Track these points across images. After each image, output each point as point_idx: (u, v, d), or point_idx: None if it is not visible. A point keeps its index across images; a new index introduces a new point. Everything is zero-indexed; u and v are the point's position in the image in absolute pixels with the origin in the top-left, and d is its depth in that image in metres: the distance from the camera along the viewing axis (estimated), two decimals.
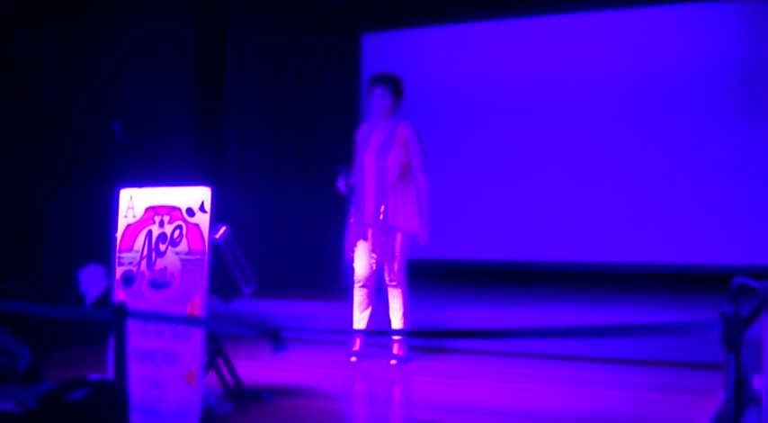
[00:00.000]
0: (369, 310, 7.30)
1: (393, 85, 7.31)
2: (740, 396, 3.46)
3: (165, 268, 5.53)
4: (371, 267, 7.27)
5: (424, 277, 8.23)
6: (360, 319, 7.35)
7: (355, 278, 7.37)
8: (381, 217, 7.11)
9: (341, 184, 7.22)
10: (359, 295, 7.36)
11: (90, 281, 8.18)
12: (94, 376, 3.61)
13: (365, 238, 7.27)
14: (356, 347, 7.42)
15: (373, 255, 7.23)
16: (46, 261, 9.20)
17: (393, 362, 7.17)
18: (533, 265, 11.35)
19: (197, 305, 5.36)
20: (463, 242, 11.66)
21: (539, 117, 11.37)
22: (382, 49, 12.26)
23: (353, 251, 7.34)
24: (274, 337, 4.41)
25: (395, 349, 7.28)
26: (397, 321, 7.20)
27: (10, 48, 9.04)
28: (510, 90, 11.56)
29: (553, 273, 11.11)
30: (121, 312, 4.48)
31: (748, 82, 10.37)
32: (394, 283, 7.19)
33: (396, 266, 7.17)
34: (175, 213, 5.56)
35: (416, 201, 7.22)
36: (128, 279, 5.67)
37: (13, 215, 8.91)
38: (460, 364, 7.30)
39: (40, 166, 9.16)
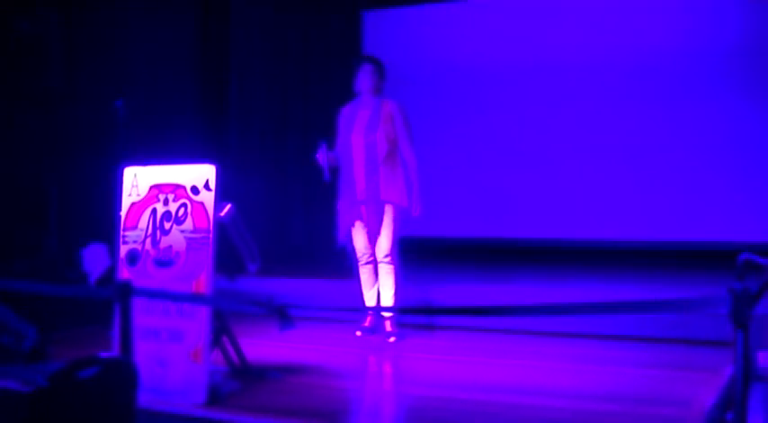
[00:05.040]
0: (377, 286, 7.35)
1: (379, 65, 7.39)
2: (748, 373, 3.46)
3: (170, 246, 5.53)
4: (369, 243, 7.30)
5: (417, 255, 8.23)
6: (369, 297, 7.44)
7: (357, 257, 7.41)
8: (373, 190, 7.15)
9: (320, 157, 7.21)
10: (364, 273, 7.43)
11: (93, 260, 8.18)
12: (105, 354, 3.62)
13: (358, 217, 7.30)
14: (367, 323, 7.47)
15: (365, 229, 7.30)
16: (49, 241, 9.20)
17: (392, 339, 7.20)
18: (534, 243, 11.35)
19: (202, 283, 5.36)
20: (454, 220, 11.65)
21: (539, 93, 11.33)
22: (384, 27, 12.23)
23: (346, 234, 7.37)
24: (281, 314, 4.41)
25: (388, 327, 7.32)
26: (387, 298, 7.24)
27: (13, 28, 9.01)
28: (510, 67, 11.52)
29: (556, 250, 11.11)
30: (126, 290, 4.48)
31: (754, 57, 10.31)
32: (387, 260, 7.22)
33: (388, 242, 7.19)
34: (180, 191, 5.55)
35: (405, 175, 7.26)
36: (132, 257, 5.67)
37: (16, 195, 8.90)
38: (457, 341, 7.31)
39: (43, 145, 9.14)
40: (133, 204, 5.77)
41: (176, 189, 5.59)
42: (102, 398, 3.47)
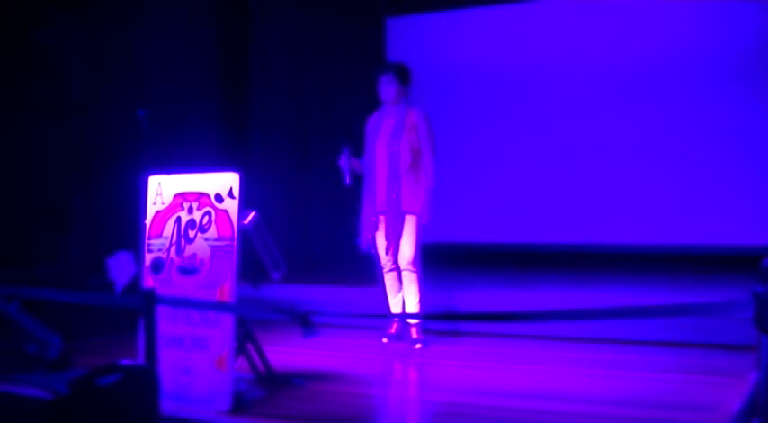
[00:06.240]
0: (402, 293, 7.34)
1: (398, 72, 7.33)
2: None
3: (195, 254, 5.55)
4: (391, 252, 7.29)
5: (441, 261, 8.23)
6: (394, 303, 7.43)
7: (382, 264, 7.41)
8: (394, 200, 7.14)
9: (342, 162, 7.23)
10: (389, 280, 7.43)
11: (119, 268, 8.21)
12: (125, 362, 3.63)
13: (378, 226, 7.30)
14: (392, 330, 7.48)
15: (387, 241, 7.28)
16: (73, 249, 9.25)
17: (417, 346, 7.20)
18: (557, 248, 11.32)
19: (226, 291, 5.38)
20: (477, 225, 11.65)
21: (563, 99, 11.31)
22: (407, 34, 12.23)
23: (368, 242, 7.36)
24: (304, 321, 4.42)
25: (413, 333, 7.32)
26: (411, 305, 7.24)
27: (33, 40, 9.07)
28: (535, 72, 11.50)
29: (579, 255, 11.07)
30: (151, 298, 4.50)
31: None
32: (410, 267, 7.21)
33: (410, 251, 7.19)
34: (204, 199, 5.58)
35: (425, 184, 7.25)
36: (157, 266, 5.70)
37: (40, 204, 8.95)
38: (479, 347, 7.29)
39: (67, 155, 9.19)
40: (158, 213, 5.80)
41: (200, 197, 5.61)
42: (123, 405, 3.48)
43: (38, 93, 8.95)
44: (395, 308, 7.43)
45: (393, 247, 7.22)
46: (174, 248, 5.67)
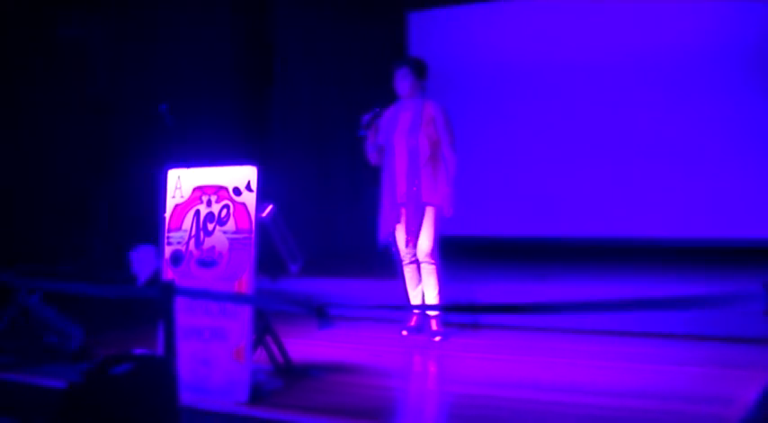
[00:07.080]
0: (421, 286, 7.35)
1: (414, 66, 7.36)
2: None
3: (213, 247, 5.58)
4: (411, 244, 7.30)
5: (461, 254, 8.23)
6: (414, 296, 7.44)
7: (401, 257, 7.42)
8: (414, 193, 7.15)
9: (366, 118, 7.21)
10: (408, 272, 7.44)
11: (141, 262, 8.27)
12: (139, 351, 3.65)
13: (398, 218, 7.30)
14: (412, 323, 7.50)
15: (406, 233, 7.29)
16: (96, 244, 9.30)
17: (437, 338, 7.20)
18: (575, 241, 11.33)
19: (244, 283, 5.41)
20: (496, 218, 11.67)
21: (576, 94, 11.35)
22: (429, 27, 12.25)
23: (388, 234, 7.37)
24: (321, 313, 4.44)
25: (433, 326, 7.33)
26: (431, 298, 7.23)
27: (57, 35, 9.12)
28: (555, 66, 11.51)
29: (597, 248, 11.08)
30: (169, 290, 4.53)
31: None
32: (428, 260, 7.22)
33: (429, 243, 7.19)
34: (222, 193, 5.61)
35: (447, 177, 7.24)
36: (176, 258, 5.74)
37: (63, 199, 9.01)
38: (498, 339, 7.30)
39: (88, 151, 9.24)
40: (177, 206, 5.83)
41: (219, 190, 5.64)
42: (138, 394, 3.50)
43: (59, 91, 9.01)
44: (415, 301, 7.42)
45: (413, 240, 7.24)
46: (193, 241, 5.70)
